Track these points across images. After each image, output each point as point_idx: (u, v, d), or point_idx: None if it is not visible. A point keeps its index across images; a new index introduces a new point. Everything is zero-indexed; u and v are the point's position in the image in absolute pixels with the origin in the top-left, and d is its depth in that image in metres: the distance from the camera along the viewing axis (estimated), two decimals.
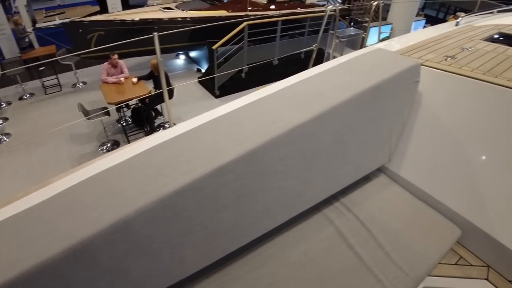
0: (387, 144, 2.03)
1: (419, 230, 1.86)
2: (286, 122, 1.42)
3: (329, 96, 1.58)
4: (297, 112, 1.47)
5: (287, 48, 8.46)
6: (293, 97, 1.60)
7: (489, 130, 1.81)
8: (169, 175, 1.22)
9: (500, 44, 2.56)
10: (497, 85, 1.81)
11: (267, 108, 1.52)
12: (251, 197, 1.42)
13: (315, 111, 1.48)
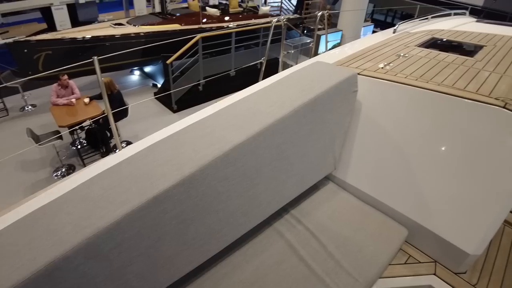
0: (331, 153, 2.09)
1: (368, 234, 1.92)
2: (225, 142, 1.42)
3: (267, 113, 1.60)
4: (236, 131, 1.48)
5: (243, 58, 8.54)
6: (233, 116, 1.60)
7: (425, 132, 1.90)
8: (106, 207, 1.18)
9: (433, 49, 2.70)
10: (428, 90, 1.91)
11: (207, 129, 1.52)
12: (194, 221, 1.40)
13: (253, 129, 1.50)
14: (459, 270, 1.86)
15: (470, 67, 2.27)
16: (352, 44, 3.22)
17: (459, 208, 1.77)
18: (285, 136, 1.65)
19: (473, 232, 1.73)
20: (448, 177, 1.82)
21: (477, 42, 2.96)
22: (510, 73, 2.20)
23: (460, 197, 1.78)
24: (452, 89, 1.91)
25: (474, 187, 1.74)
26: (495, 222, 1.70)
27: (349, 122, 2.09)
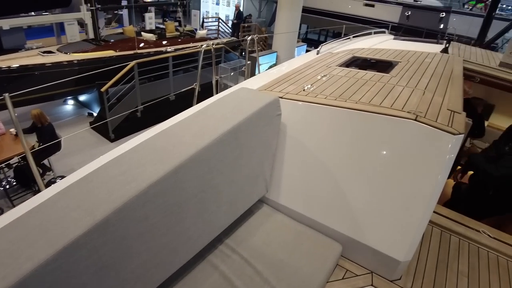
0: (262, 177, 2.12)
1: (304, 254, 1.94)
2: (142, 180, 1.35)
3: (189, 145, 1.57)
4: (153, 167, 1.42)
5: (182, 82, 8.50)
6: (152, 151, 1.54)
7: (347, 149, 2.01)
8: (11, 264, 1.07)
9: (353, 68, 2.87)
10: (347, 109, 2.03)
11: (124, 166, 1.44)
12: (114, 267, 1.31)
13: (173, 163, 1.45)
14: (394, 277, 1.94)
15: (386, 83, 2.44)
16: (279, 67, 3.31)
17: (385, 217, 1.87)
18: (209, 165, 1.63)
19: (401, 239, 1.82)
20: (372, 189, 1.92)
21: (393, 58, 3.18)
22: (420, 87, 2.40)
23: (385, 207, 1.88)
24: (369, 105, 2.05)
25: (396, 196, 1.85)
26: (420, 226, 1.80)
27: (276, 144, 2.14)
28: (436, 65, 3.02)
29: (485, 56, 3.93)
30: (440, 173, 1.78)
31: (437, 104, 2.11)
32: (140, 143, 1.60)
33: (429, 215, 1.83)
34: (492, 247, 2.28)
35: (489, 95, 4.25)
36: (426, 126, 1.84)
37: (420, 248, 2.19)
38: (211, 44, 5.27)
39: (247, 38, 5.98)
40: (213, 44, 5.34)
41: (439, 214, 2.50)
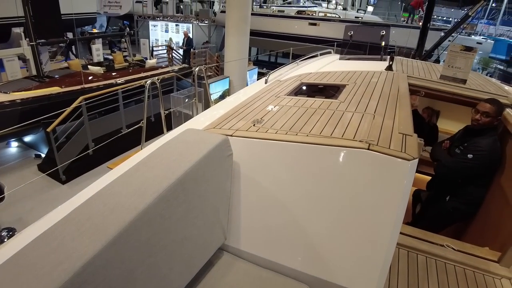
0: (218, 224, 1.99)
1: None
2: (77, 258, 1.17)
3: (128, 207, 1.40)
4: (89, 239, 1.24)
5: (135, 113, 8.31)
6: (86, 219, 1.34)
7: (303, 185, 1.93)
8: None
9: (302, 96, 2.83)
10: (298, 143, 1.96)
11: (54, 242, 1.24)
12: None
13: (112, 232, 1.28)
14: None
15: (335, 110, 2.41)
16: (228, 100, 3.23)
17: (350, 252, 1.80)
18: (154, 227, 1.47)
19: (369, 272, 1.75)
20: (333, 224, 1.85)
21: (340, 81, 3.21)
22: (370, 111, 2.40)
23: (349, 241, 1.80)
24: (320, 137, 2.00)
25: (359, 228, 1.79)
26: (388, 255, 1.73)
27: (230, 187, 2.03)
28: (383, 84, 3.08)
29: (427, 69, 4.12)
30: (400, 200, 1.75)
31: (388, 128, 2.10)
32: (74, 210, 1.42)
33: (394, 243, 1.77)
34: (458, 260, 2.33)
35: (432, 102, 4.49)
36: (380, 155, 1.80)
37: (390, 275, 2.15)
38: (155, 79, 5.15)
39: (194, 69, 5.97)
40: (158, 78, 5.22)
41: (404, 234, 2.50)
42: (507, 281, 2.23)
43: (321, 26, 16.58)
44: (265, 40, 17.82)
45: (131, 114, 8.25)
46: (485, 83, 3.84)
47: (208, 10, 20.44)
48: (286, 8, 20.17)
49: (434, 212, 3.12)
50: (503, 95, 3.29)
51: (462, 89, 3.37)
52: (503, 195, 2.65)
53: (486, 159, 2.76)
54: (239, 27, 9.30)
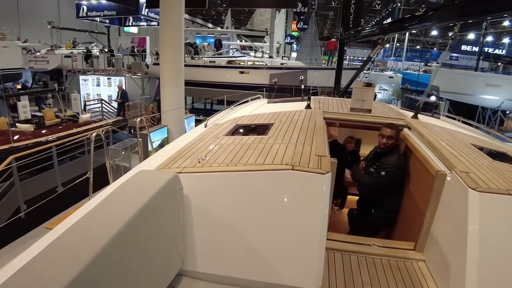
0: (175, 250, 2.22)
1: None
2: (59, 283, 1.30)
3: (100, 236, 1.58)
4: (69, 266, 1.38)
5: (71, 170, 8.07)
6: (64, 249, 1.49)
7: (246, 205, 2.29)
8: None
9: (237, 135, 3.26)
10: (238, 171, 2.35)
11: (36, 272, 1.36)
12: None
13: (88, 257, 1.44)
14: None
15: (266, 144, 2.86)
16: (173, 144, 3.54)
17: (291, 255, 2.15)
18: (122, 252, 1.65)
19: (308, 270, 2.10)
20: (274, 234, 2.21)
21: (268, 121, 3.69)
22: (292, 141, 2.88)
23: (288, 247, 2.17)
24: (255, 165, 2.41)
25: (294, 235, 2.17)
26: (320, 254, 2.11)
27: (182, 216, 2.29)
28: (303, 120, 3.64)
29: (340, 104, 4.81)
30: (322, 206, 2.19)
31: (307, 153, 2.59)
32: (51, 243, 1.56)
33: (324, 242, 2.17)
34: (382, 254, 2.78)
35: (354, 131, 5.19)
36: (302, 172, 2.27)
37: (329, 274, 2.52)
38: (99, 131, 5.27)
39: (135, 119, 6.16)
40: (101, 130, 5.34)
41: (337, 241, 2.92)
42: (422, 262, 2.73)
43: (251, 74, 17.73)
44: (200, 89, 18.47)
45: (67, 172, 7.99)
46: (387, 110, 4.63)
47: (140, 63, 20.76)
48: (217, 58, 21.19)
49: (364, 224, 3.65)
50: (400, 118, 4.05)
51: (368, 117, 4.09)
52: (412, 199, 3.23)
53: (395, 173, 3.36)
54: (173, 79, 9.67)
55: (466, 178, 2.42)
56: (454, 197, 2.49)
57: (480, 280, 2.04)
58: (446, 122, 4.91)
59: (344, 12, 8.66)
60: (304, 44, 27.61)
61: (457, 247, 2.28)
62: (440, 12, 4.38)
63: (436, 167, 2.76)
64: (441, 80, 20.05)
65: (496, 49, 32.49)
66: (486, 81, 19.23)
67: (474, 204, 2.23)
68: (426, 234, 2.76)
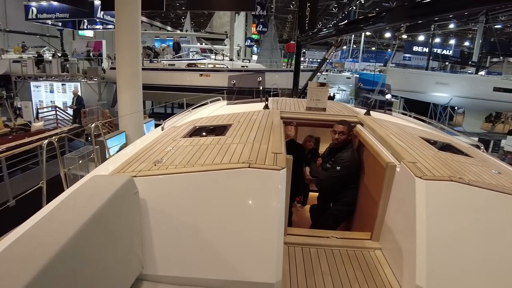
0: (133, 255, 2.17)
1: None
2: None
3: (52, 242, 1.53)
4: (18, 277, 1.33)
5: (23, 183, 7.62)
6: (11, 259, 1.44)
7: (204, 205, 2.30)
8: None
9: (195, 137, 3.25)
10: (195, 172, 2.36)
11: None
12: None
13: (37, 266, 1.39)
14: None
15: (223, 144, 2.88)
16: (128, 148, 3.48)
17: (250, 251, 2.17)
18: (76, 259, 1.61)
19: (267, 264, 2.12)
20: (234, 231, 2.23)
21: (227, 122, 3.71)
22: (250, 140, 2.93)
23: (246, 243, 2.19)
24: (212, 165, 2.43)
25: (253, 230, 2.20)
26: (279, 248, 2.14)
27: (139, 220, 2.25)
28: (260, 120, 3.70)
29: (297, 104, 4.94)
30: (279, 202, 2.25)
31: (263, 151, 2.66)
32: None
33: (282, 236, 2.21)
34: (340, 245, 2.88)
35: (313, 131, 5.32)
36: (258, 169, 2.35)
37: (289, 267, 2.56)
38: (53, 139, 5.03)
39: (90, 125, 5.95)
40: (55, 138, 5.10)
41: (297, 235, 2.98)
42: (378, 251, 2.85)
43: (211, 77, 17.66)
44: (160, 93, 18.12)
45: (18, 185, 7.54)
46: (341, 108, 4.83)
47: (96, 67, 20.05)
48: (177, 61, 20.91)
49: (324, 217, 3.76)
50: (353, 115, 4.24)
51: (323, 115, 4.25)
52: (367, 191, 3.36)
53: (350, 167, 3.50)
54: (130, 83, 9.44)
55: (413, 168, 2.57)
56: (403, 186, 2.64)
57: (429, 262, 2.16)
58: (398, 118, 5.17)
59: (300, 15, 8.86)
60: (264, 47, 27.98)
61: (408, 233, 2.40)
62: (391, 13, 4.60)
63: (386, 159, 2.90)
64: (395, 79, 21.00)
65: (444, 50, 34.56)
66: (436, 80, 20.35)
67: (421, 191, 2.38)
68: (381, 223, 2.90)
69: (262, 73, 16.14)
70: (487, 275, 2.19)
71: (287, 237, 2.88)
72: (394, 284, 2.45)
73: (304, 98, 5.61)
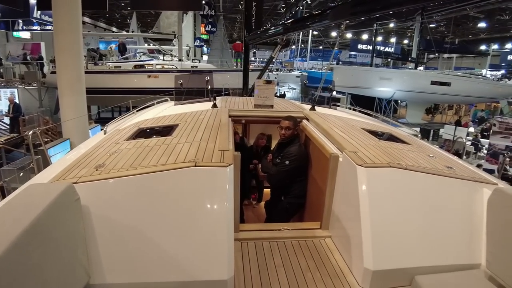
0: (78, 265, 2.05)
1: None
2: None
3: None
4: None
5: None
6: None
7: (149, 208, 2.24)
8: None
9: (140, 139, 3.16)
10: (138, 175, 2.29)
11: None
12: None
13: None
14: None
15: (169, 144, 2.82)
16: (69, 154, 3.32)
17: (199, 250, 2.16)
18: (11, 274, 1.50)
19: (219, 262, 2.11)
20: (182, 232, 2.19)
21: (173, 122, 3.63)
22: (197, 139, 2.90)
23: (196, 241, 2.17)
24: (157, 166, 2.37)
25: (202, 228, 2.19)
26: (229, 245, 2.15)
27: (83, 228, 2.13)
28: (208, 119, 3.68)
29: (246, 102, 4.99)
30: (227, 198, 2.24)
31: (210, 149, 2.66)
32: None
33: (232, 232, 2.22)
34: (292, 236, 2.94)
35: (265, 129, 5.37)
36: (205, 167, 2.34)
37: (243, 263, 2.57)
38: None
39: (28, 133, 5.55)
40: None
41: (250, 230, 3.00)
42: (328, 239, 2.95)
43: (160, 78, 17.21)
44: (106, 97, 17.33)
45: None
46: (288, 105, 4.95)
47: (35, 72, 18.74)
48: (123, 63, 20.17)
49: (276, 211, 3.84)
50: (299, 111, 4.36)
51: (271, 112, 4.34)
52: (315, 183, 3.47)
53: (298, 161, 3.60)
54: (73, 87, 8.98)
55: (354, 157, 2.70)
56: (346, 175, 2.76)
57: (375, 245, 2.29)
58: (342, 112, 5.39)
59: (247, 14, 8.89)
60: (214, 47, 27.84)
61: (353, 219, 2.51)
62: (335, 11, 4.75)
63: (329, 150, 3.03)
64: (342, 76, 21.80)
65: (386, 47, 36.48)
66: (379, 75, 21.46)
67: (362, 178, 2.51)
68: (329, 212, 3.01)
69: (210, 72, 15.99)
70: (427, 248, 2.38)
71: (239, 234, 2.88)
72: (345, 269, 2.55)
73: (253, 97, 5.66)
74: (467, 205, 2.57)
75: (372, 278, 2.25)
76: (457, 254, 2.43)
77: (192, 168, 2.32)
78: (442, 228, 2.46)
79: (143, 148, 2.80)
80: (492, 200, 2.43)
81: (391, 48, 37.55)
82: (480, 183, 2.69)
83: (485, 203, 2.52)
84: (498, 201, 2.35)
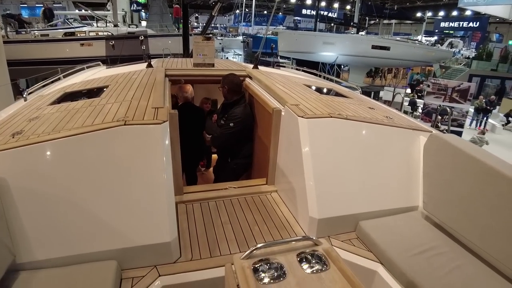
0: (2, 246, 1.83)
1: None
2: None
3: None
4: None
5: None
6: None
7: (79, 173, 2.06)
8: None
9: (65, 103, 2.91)
10: (60, 139, 2.09)
11: None
12: None
13: None
14: (175, 258, 2.08)
15: (97, 105, 2.62)
16: None
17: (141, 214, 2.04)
18: None
19: (160, 224, 2.02)
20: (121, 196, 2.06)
21: (103, 84, 3.39)
22: (127, 99, 2.73)
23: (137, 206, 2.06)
24: (82, 128, 2.18)
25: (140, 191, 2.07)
26: (171, 207, 2.08)
27: (1, 203, 1.92)
28: (142, 78, 3.47)
29: (185, 63, 4.71)
30: (164, 157, 2.13)
31: (142, 107, 2.50)
32: None
33: (172, 192, 2.16)
34: (239, 193, 2.91)
35: (210, 93, 5.13)
36: (135, 126, 2.20)
37: (188, 224, 2.47)
38: None
39: None
40: None
41: (194, 192, 2.90)
42: (275, 193, 2.97)
43: (94, 46, 15.92)
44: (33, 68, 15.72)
45: None
46: (230, 64, 4.79)
47: None
48: (51, 31, 18.37)
49: (224, 173, 3.74)
50: (242, 69, 4.20)
51: (211, 71, 4.12)
52: (261, 141, 3.44)
53: (243, 122, 3.49)
54: None
55: (296, 109, 2.69)
56: (289, 128, 2.75)
57: (318, 194, 2.33)
58: (286, 71, 5.33)
59: None
60: (153, 11, 26.37)
61: (297, 171, 2.53)
62: None
63: (272, 105, 2.99)
64: (286, 41, 21.70)
65: (330, 13, 36.76)
66: (323, 40, 21.65)
67: (304, 129, 2.52)
68: (274, 166, 3.02)
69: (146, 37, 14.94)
70: (369, 194, 2.47)
71: (184, 196, 2.80)
72: (291, 220, 2.57)
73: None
74: (405, 152, 2.68)
75: (318, 226, 2.30)
76: (397, 198, 2.54)
77: (122, 128, 2.16)
78: (383, 174, 2.56)
79: (67, 111, 2.56)
80: (427, 146, 2.53)
81: (334, 13, 37.98)
82: (417, 131, 2.81)
83: (421, 149, 2.63)
84: (433, 146, 2.46)
